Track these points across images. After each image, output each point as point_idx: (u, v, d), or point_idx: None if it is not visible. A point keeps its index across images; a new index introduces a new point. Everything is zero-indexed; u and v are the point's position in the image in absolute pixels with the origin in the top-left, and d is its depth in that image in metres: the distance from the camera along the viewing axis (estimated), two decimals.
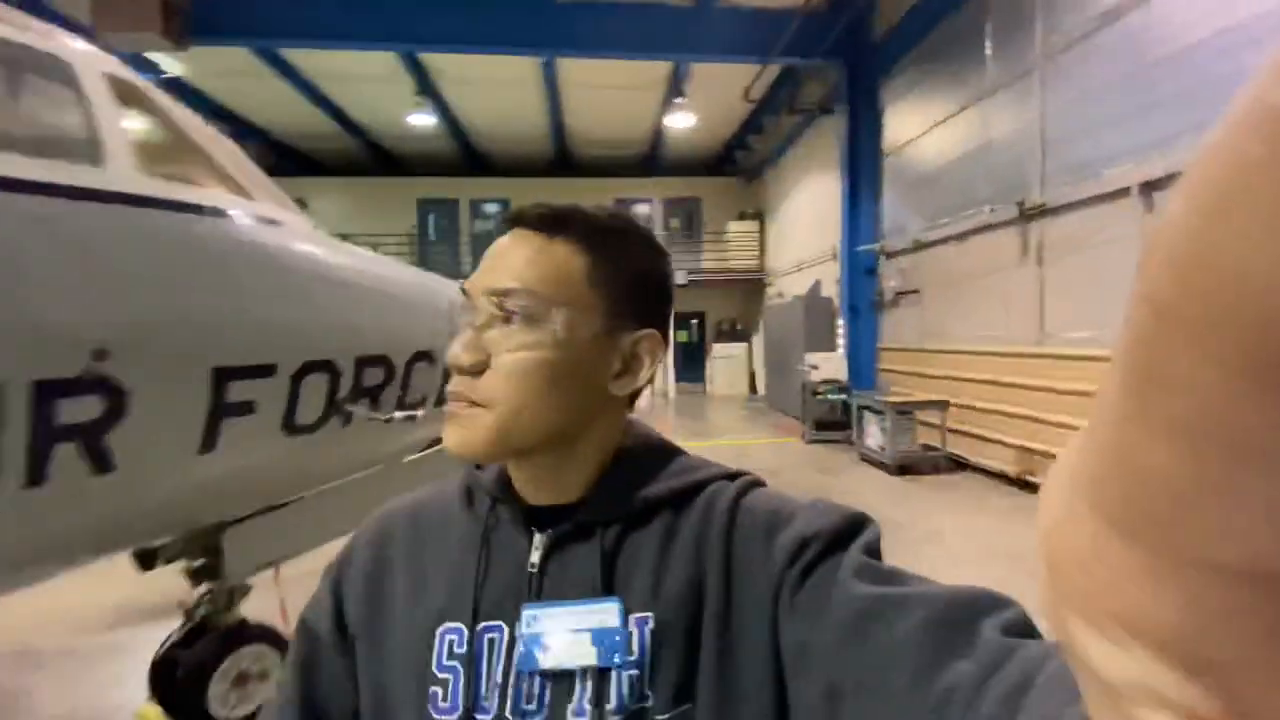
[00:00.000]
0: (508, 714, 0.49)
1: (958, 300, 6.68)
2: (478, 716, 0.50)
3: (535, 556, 0.53)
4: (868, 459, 6.84)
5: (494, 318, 0.51)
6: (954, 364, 6.60)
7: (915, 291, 7.54)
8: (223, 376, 1.69)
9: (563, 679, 0.49)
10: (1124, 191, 4.46)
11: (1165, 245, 0.10)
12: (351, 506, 2.34)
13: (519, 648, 0.50)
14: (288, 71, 9.72)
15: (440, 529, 0.58)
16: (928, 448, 6.46)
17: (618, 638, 0.49)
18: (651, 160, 14.86)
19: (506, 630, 0.51)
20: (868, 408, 6.88)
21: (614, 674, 0.48)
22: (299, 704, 0.57)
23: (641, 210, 15.60)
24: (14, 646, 3.10)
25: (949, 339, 6.80)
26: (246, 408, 1.77)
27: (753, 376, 14.53)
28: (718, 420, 11.00)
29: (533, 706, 0.49)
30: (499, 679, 0.50)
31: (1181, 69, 4.08)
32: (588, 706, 0.48)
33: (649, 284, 0.55)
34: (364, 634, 0.57)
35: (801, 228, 11.81)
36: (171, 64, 8.98)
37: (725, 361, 14.74)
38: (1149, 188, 4.28)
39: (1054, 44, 5.19)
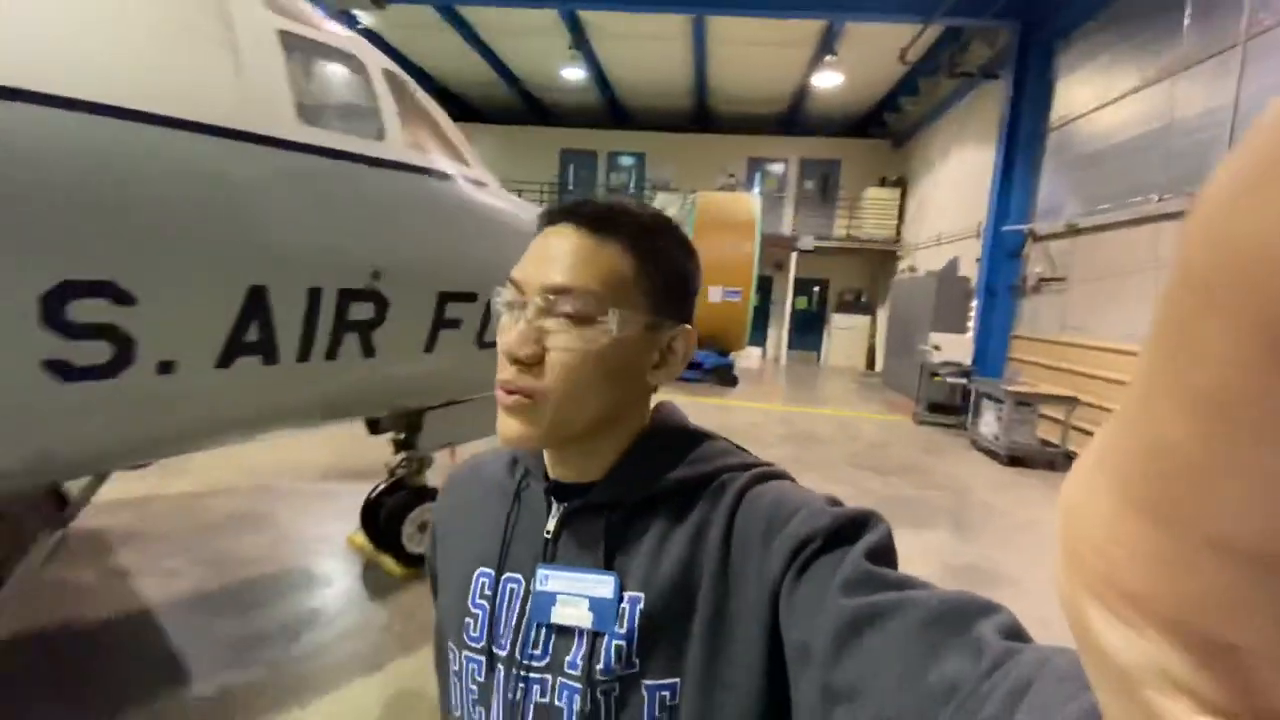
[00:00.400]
0: (517, 654, 0.57)
1: (1108, 294, 6.25)
2: (495, 650, 0.59)
3: (551, 524, 0.59)
4: (979, 446, 6.72)
5: (548, 312, 0.54)
6: (1093, 360, 6.24)
7: (1061, 279, 7.09)
8: (444, 299, 2.29)
9: (564, 634, 0.56)
10: None
11: (1202, 217, 0.10)
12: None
13: (532, 600, 0.57)
14: (461, 26, 10.60)
15: (490, 485, 0.67)
16: (1046, 443, 6.25)
17: (610, 609, 0.54)
18: (791, 119, 14.49)
19: (524, 583, 0.59)
20: (987, 394, 6.71)
21: (605, 639, 0.54)
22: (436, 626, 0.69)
23: (775, 169, 15.38)
24: (259, 481, 4.18)
25: (1091, 334, 6.41)
26: (455, 323, 2.38)
27: (871, 350, 14.16)
28: (827, 390, 11.01)
29: (538, 652, 0.57)
30: (514, 623, 0.58)
31: None
32: (580, 662, 0.54)
33: (684, 283, 0.60)
34: (441, 566, 0.68)
35: (946, 200, 11.18)
36: (365, 18, 10.13)
37: (845, 332, 14.47)
38: None
39: (1262, 20, 4.61)
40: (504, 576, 0.60)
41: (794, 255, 13.40)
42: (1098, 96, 6.74)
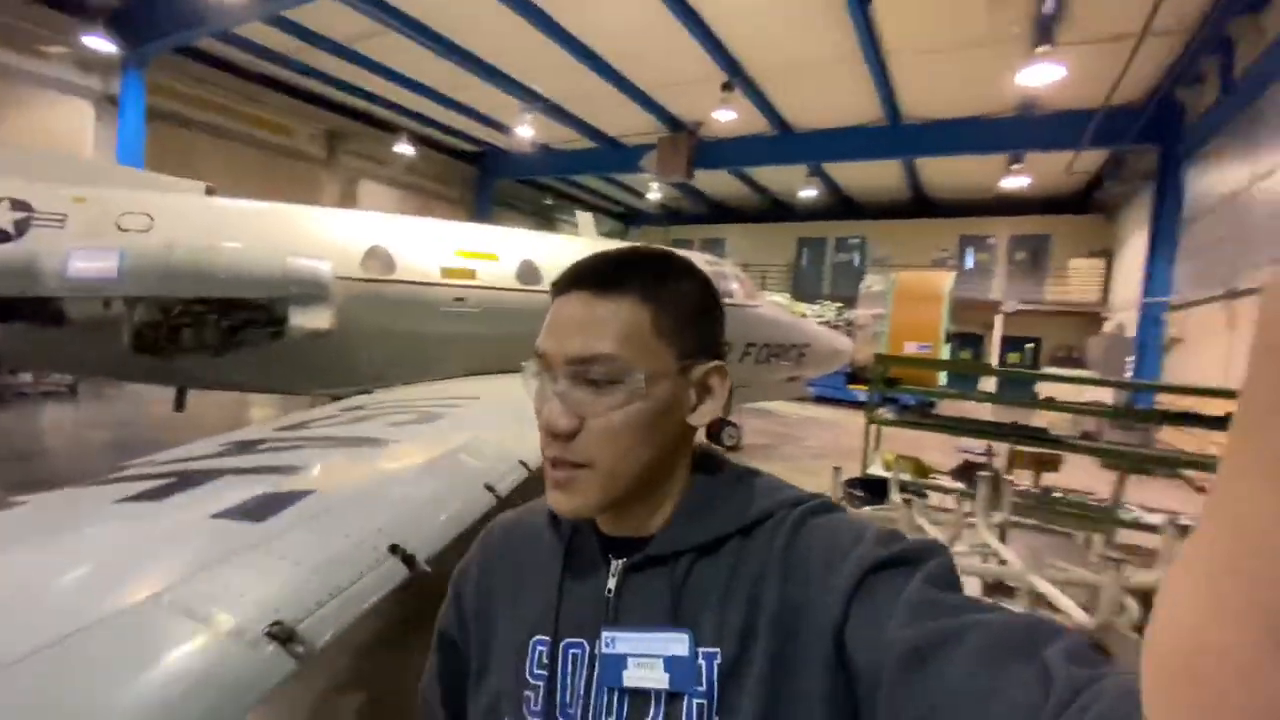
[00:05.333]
0: None
1: (1195, 351, 8.62)
2: None
3: (611, 583, 0.58)
4: None
5: (578, 381, 0.55)
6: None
7: (1180, 340, 9.41)
8: (752, 350, 7.03)
9: (639, 698, 0.54)
10: None
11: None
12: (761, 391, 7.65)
13: (600, 665, 0.56)
14: (739, 173, 16.10)
15: (532, 547, 0.65)
16: None
17: (687, 668, 0.53)
18: (999, 202, 17.11)
19: (588, 647, 0.57)
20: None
21: (685, 700, 0.52)
22: (444, 707, 0.68)
23: (990, 243, 17.90)
24: None
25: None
26: (741, 355, 7.09)
27: None
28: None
29: (612, 718, 0.54)
30: (581, 691, 0.56)
31: None
32: None
33: (706, 317, 0.61)
34: (479, 642, 0.65)
35: (1133, 272, 13.09)
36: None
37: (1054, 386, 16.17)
38: None
39: None
40: (563, 642, 0.58)
41: (999, 317, 15.90)
42: (1212, 200, 9.13)
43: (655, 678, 0.53)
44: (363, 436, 2.44)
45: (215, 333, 4.31)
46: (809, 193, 16.40)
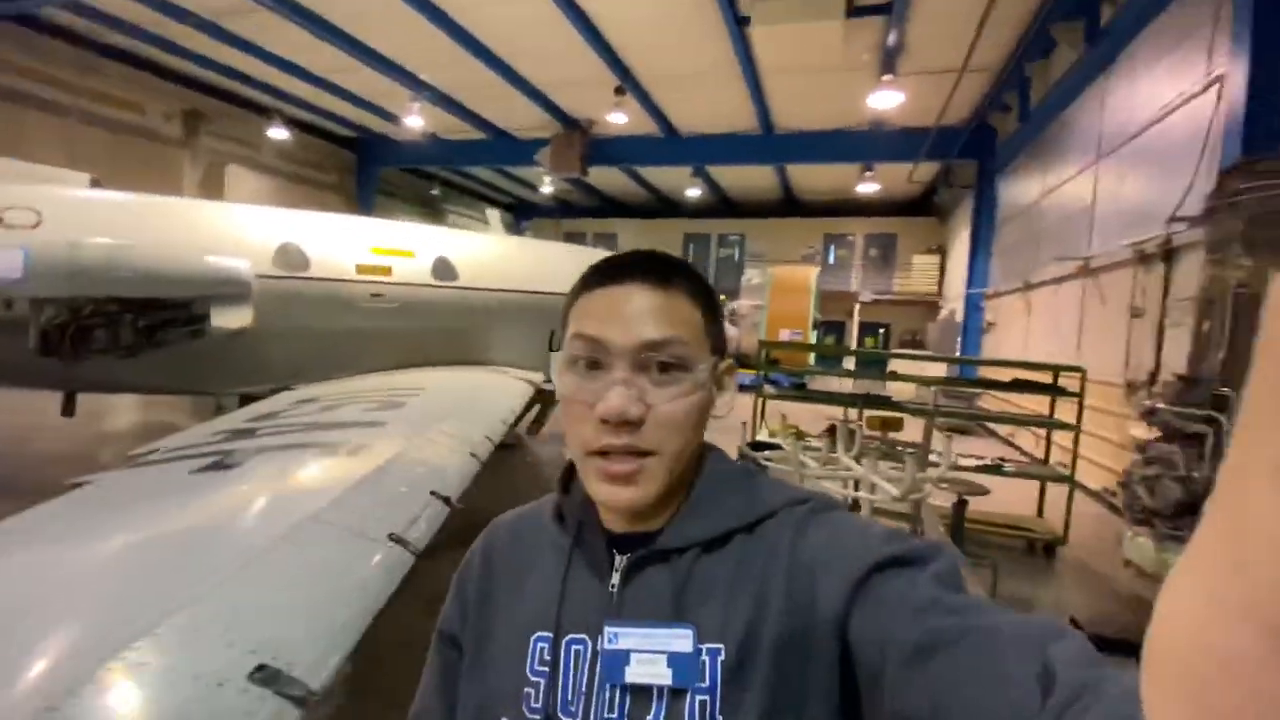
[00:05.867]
0: (590, 719, 0.54)
1: (1006, 334, 10.57)
2: (562, 718, 0.55)
3: (615, 578, 0.58)
4: None
5: (642, 369, 0.55)
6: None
7: (993, 323, 11.43)
8: None
9: (641, 694, 0.53)
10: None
11: None
12: None
13: (601, 661, 0.55)
14: (630, 171, 16.79)
15: (535, 543, 0.65)
16: None
17: (690, 664, 0.52)
18: (857, 205, 19.29)
19: (590, 643, 0.57)
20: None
21: (688, 696, 0.52)
22: (442, 709, 0.66)
23: (849, 241, 20.10)
24: None
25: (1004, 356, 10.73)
26: None
27: None
28: None
29: (614, 715, 0.54)
30: (583, 688, 0.56)
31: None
32: None
33: (719, 318, 0.64)
34: (476, 636, 0.64)
35: (961, 267, 15.46)
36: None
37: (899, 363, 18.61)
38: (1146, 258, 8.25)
39: (1104, 150, 7.46)
40: (565, 639, 0.58)
41: (857, 306, 18.03)
42: (1014, 208, 11.16)
43: (658, 674, 0.53)
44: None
45: (130, 334, 4.24)
46: (694, 192, 17.51)
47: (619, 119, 11.95)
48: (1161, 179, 5.67)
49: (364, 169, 16.67)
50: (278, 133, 13.57)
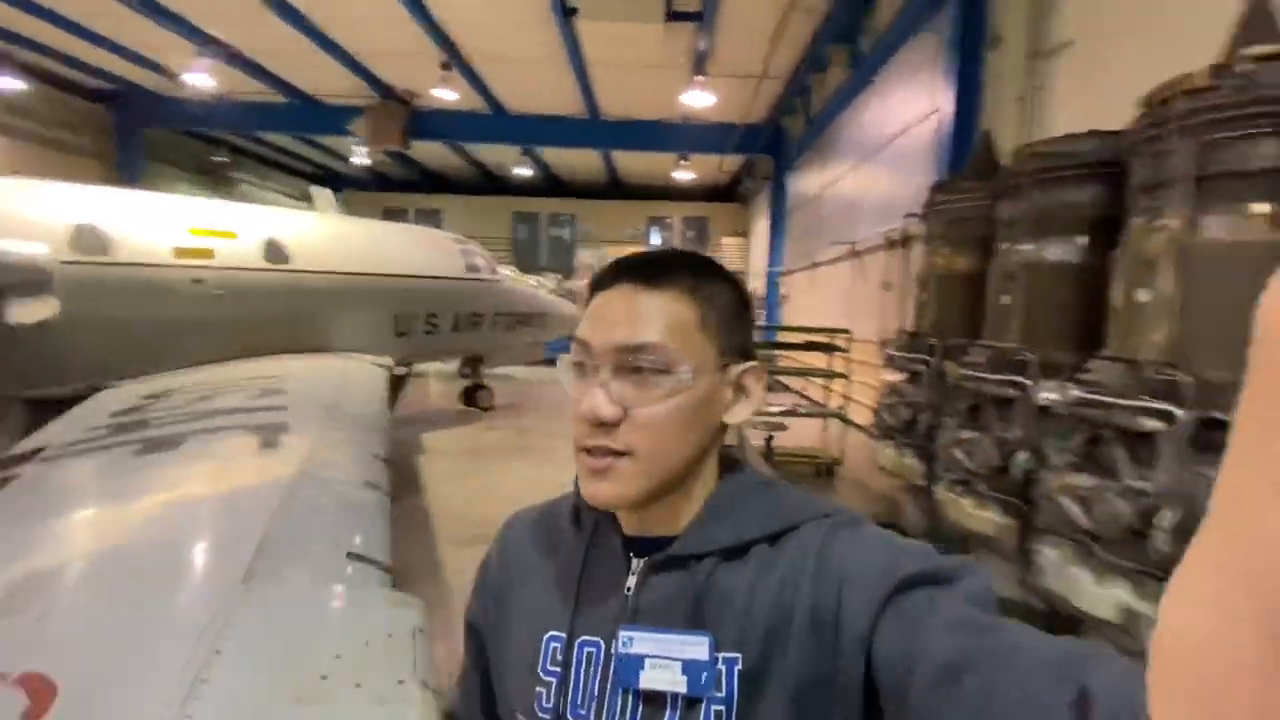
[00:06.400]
0: None
1: (796, 307, 12.49)
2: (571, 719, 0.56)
3: (631, 582, 0.58)
4: None
5: (623, 370, 0.56)
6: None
7: (786, 297, 13.39)
8: (500, 319, 8.02)
9: (654, 701, 0.53)
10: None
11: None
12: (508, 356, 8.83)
13: (615, 665, 0.55)
14: (455, 146, 16.28)
15: (553, 541, 0.66)
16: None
17: (706, 672, 0.52)
18: (677, 190, 20.82)
19: (604, 646, 0.57)
20: None
21: (703, 704, 0.52)
22: (480, 693, 0.70)
23: (670, 223, 21.63)
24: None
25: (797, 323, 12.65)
26: (491, 325, 8.10)
27: None
28: None
29: None
30: (595, 691, 0.56)
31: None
32: None
33: (742, 318, 0.62)
34: (495, 630, 0.67)
35: (762, 248, 17.62)
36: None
37: None
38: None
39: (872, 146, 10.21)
40: (579, 640, 0.58)
41: None
42: (801, 199, 13.07)
43: (673, 681, 0.52)
44: None
45: None
46: (523, 170, 17.56)
47: (446, 95, 11.69)
48: (904, 182, 7.30)
49: (126, 131, 14.10)
50: (10, 83, 11.02)
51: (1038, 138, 4.29)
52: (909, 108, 7.42)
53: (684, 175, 16.96)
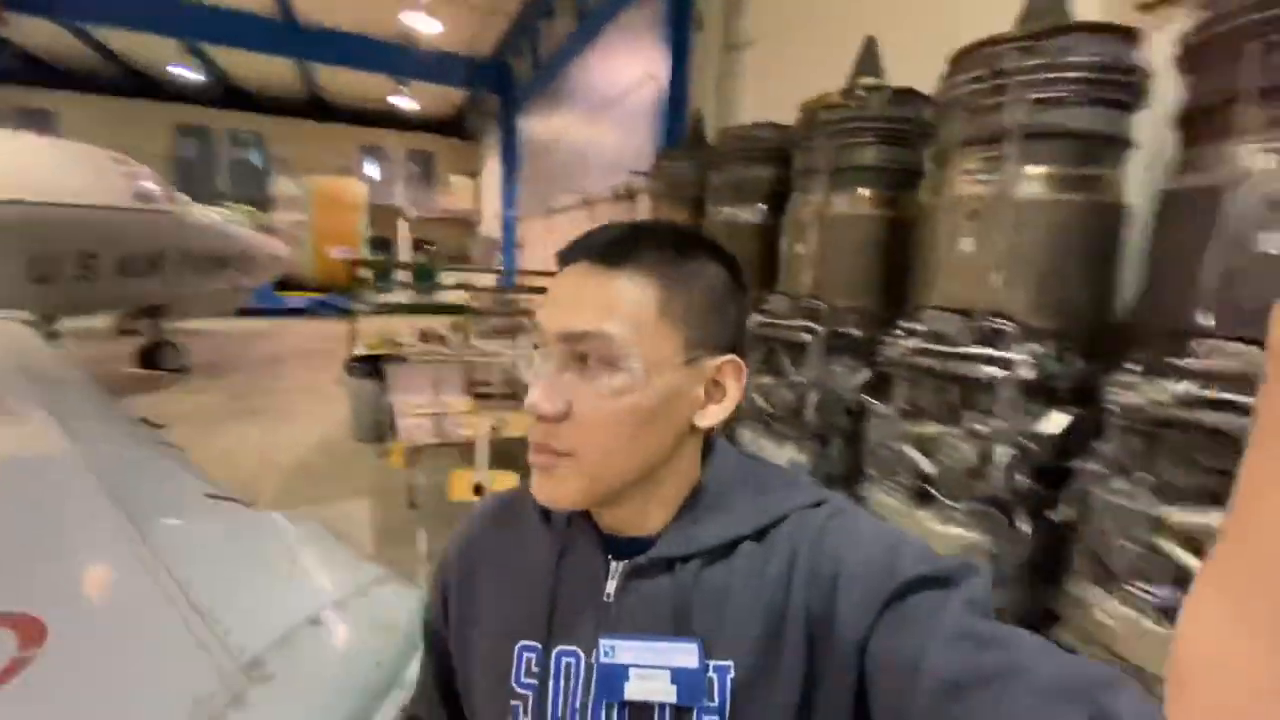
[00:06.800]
0: None
1: (533, 250, 12.94)
2: None
3: (610, 586, 0.54)
4: None
5: (569, 361, 0.50)
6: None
7: (522, 246, 13.75)
8: (187, 261, 6.71)
9: (641, 712, 0.50)
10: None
11: None
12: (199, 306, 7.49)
13: (597, 676, 0.51)
14: (80, 31, 12.17)
15: (519, 541, 0.60)
16: None
17: (697, 681, 0.49)
18: (397, 117, 19.01)
19: (583, 656, 0.53)
20: None
21: (694, 716, 0.49)
22: (439, 701, 0.65)
23: (391, 153, 19.75)
24: None
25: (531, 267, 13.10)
26: (175, 267, 6.80)
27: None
28: None
29: None
30: (577, 704, 0.52)
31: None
32: None
33: (723, 303, 0.54)
34: (460, 635, 0.61)
35: (494, 190, 17.46)
36: None
37: (452, 276, 20.08)
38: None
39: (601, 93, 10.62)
40: (556, 650, 0.54)
41: (404, 223, 18.28)
42: (534, 146, 13.28)
43: (662, 690, 0.49)
44: None
45: None
46: (186, 72, 14.13)
47: None
48: (628, 140, 8.08)
49: None
50: None
51: (732, 119, 5.28)
52: (630, 70, 8.15)
53: (405, 103, 15.65)
